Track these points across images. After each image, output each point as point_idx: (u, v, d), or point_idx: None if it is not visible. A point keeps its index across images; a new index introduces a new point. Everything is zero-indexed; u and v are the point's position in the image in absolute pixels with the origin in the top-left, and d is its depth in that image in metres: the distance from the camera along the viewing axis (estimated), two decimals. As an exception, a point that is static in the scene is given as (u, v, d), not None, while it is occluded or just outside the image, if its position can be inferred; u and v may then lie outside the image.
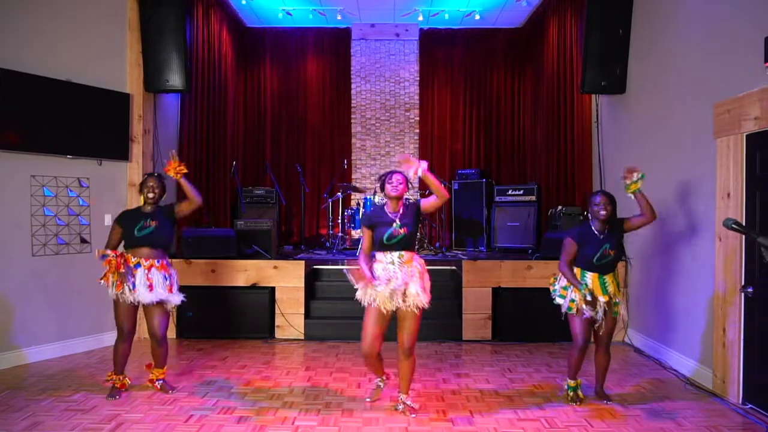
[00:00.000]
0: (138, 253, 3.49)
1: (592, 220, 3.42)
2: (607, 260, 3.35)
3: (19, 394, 3.61)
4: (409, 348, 3.23)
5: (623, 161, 5.13)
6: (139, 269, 3.45)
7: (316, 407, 3.42)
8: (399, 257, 3.16)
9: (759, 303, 3.37)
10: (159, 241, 3.55)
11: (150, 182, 3.58)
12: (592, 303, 3.30)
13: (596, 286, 3.37)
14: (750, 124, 3.37)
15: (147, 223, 3.48)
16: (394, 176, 3.25)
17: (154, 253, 3.53)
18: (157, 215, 3.56)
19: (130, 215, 3.59)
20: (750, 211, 3.45)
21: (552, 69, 6.53)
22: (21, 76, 4.20)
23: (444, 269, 5.76)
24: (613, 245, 3.35)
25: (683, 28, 4.19)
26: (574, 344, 3.44)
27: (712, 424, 3.19)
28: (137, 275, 3.44)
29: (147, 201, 3.56)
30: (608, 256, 3.34)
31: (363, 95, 7.88)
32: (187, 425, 3.13)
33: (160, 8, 4.97)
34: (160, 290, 3.48)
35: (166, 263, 3.60)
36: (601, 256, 3.33)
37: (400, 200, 3.25)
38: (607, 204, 3.32)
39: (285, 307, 5.12)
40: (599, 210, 3.32)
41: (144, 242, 3.49)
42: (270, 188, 6.87)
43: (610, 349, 3.50)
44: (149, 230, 3.49)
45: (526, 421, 3.24)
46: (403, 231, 3.15)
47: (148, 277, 3.45)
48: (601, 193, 3.39)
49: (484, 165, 7.65)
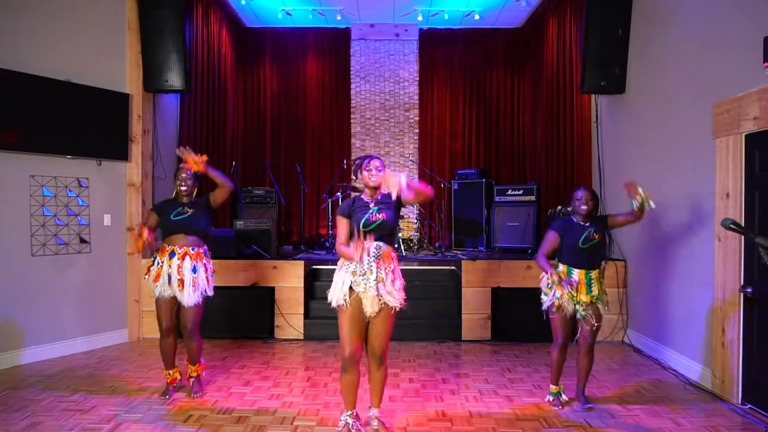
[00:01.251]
0: (173, 240, 3.46)
1: (573, 215, 3.44)
2: (592, 243, 3.31)
3: (18, 394, 3.61)
4: (381, 355, 2.92)
5: (623, 161, 5.15)
6: (173, 258, 3.43)
7: (315, 407, 3.42)
8: (376, 248, 2.80)
9: (758, 303, 3.37)
10: (195, 228, 3.49)
11: (182, 174, 3.54)
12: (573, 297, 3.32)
13: (581, 285, 3.34)
14: (749, 124, 3.37)
15: (184, 210, 3.49)
16: (372, 162, 2.89)
17: (190, 240, 3.48)
18: (195, 205, 3.55)
19: (167, 203, 3.59)
20: (749, 211, 3.45)
21: (551, 69, 6.53)
22: (20, 76, 4.20)
23: (443, 269, 5.77)
24: (597, 231, 3.34)
25: (682, 28, 4.19)
26: (554, 342, 3.47)
27: (711, 425, 3.19)
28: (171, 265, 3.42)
29: (181, 193, 3.55)
30: (593, 240, 3.31)
31: (362, 95, 7.88)
32: (186, 425, 3.13)
33: (159, 8, 4.97)
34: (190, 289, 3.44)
35: (202, 251, 3.55)
36: (585, 239, 3.30)
37: (378, 189, 2.91)
38: (589, 199, 3.34)
39: (284, 307, 5.12)
40: (581, 204, 3.34)
41: (179, 228, 3.45)
42: (269, 188, 6.87)
43: (593, 351, 3.45)
44: (185, 216, 3.47)
45: (525, 420, 3.24)
46: (382, 216, 2.82)
47: (179, 272, 3.42)
48: (583, 188, 3.39)
49: (483, 165, 7.65)
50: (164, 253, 3.47)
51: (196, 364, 3.66)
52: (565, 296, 3.31)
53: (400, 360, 4.47)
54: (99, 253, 4.83)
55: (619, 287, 5.05)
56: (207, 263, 3.56)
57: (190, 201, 3.57)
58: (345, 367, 2.86)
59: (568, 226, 3.39)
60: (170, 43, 5.02)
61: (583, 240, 3.30)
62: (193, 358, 3.64)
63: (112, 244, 4.93)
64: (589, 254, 3.34)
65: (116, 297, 4.97)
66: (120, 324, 5.00)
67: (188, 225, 3.47)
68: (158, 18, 4.98)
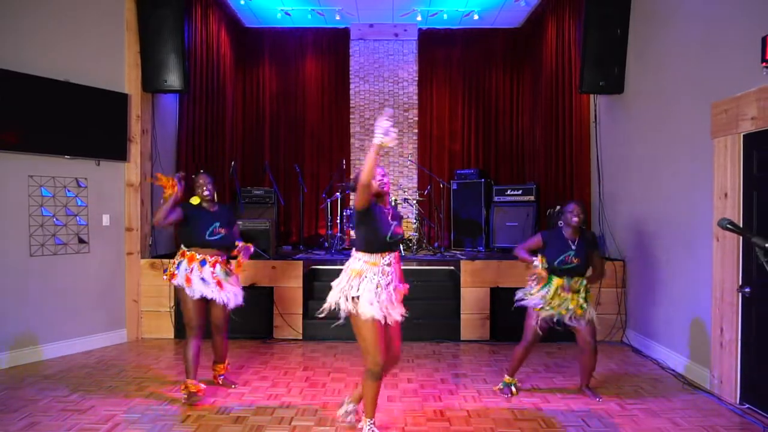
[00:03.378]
0: (204, 252, 3.57)
1: (564, 227, 3.54)
2: (568, 267, 3.43)
3: (16, 394, 3.61)
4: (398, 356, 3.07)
5: (621, 161, 5.15)
6: (205, 266, 3.53)
7: (313, 407, 3.42)
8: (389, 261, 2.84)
9: (756, 303, 3.37)
10: (226, 245, 3.65)
11: (200, 180, 3.64)
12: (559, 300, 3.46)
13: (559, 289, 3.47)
14: (747, 124, 3.37)
15: (217, 230, 3.57)
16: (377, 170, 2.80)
17: (219, 252, 3.63)
18: (222, 218, 3.63)
19: (195, 208, 3.61)
20: (747, 211, 3.45)
21: (550, 69, 6.53)
22: (19, 76, 4.20)
23: (442, 269, 5.76)
24: (579, 254, 3.44)
25: (681, 28, 4.19)
26: (523, 339, 3.60)
27: (709, 424, 3.19)
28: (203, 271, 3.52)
29: (204, 199, 3.63)
30: (569, 263, 3.43)
31: (362, 95, 7.88)
32: (184, 425, 3.13)
33: (158, 8, 4.97)
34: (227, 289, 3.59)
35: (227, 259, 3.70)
36: (562, 261, 3.43)
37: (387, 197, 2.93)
38: (580, 213, 3.47)
39: (283, 307, 5.12)
40: (572, 216, 3.47)
41: (214, 246, 3.58)
42: (269, 188, 6.87)
43: (597, 350, 3.56)
44: (220, 237, 3.58)
45: (523, 420, 3.24)
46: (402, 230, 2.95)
47: (213, 275, 3.54)
48: (575, 202, 3.55)
49: (482, 165, 7.66)
50: (193, 260, 3.54)
51: (225, 361, 3.84)
52: (555, 302, 3.44)
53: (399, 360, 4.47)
54: (97, 254, 4.83)
55: (618, 287, 5.05)
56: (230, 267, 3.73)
57: (217, 209, 3.66)
58: (379, 374, 2.83)
59: (554, 238, 3.53)
60: (169, 43, 5.02)
61: (560, 261, 3.43)
62: (223, 356, 3.81)
63: (110, 244, 4.93)
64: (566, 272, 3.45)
65: (115, 297, 4.97)
66: (118, 324, 5.00)
67: (221, 244, 3.61)
68: (157, 18, 4.98)
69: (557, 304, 3.45)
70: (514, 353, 3.67)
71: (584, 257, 3.46)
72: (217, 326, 3.70)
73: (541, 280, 3.49)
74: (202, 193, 3.61)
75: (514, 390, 3.69)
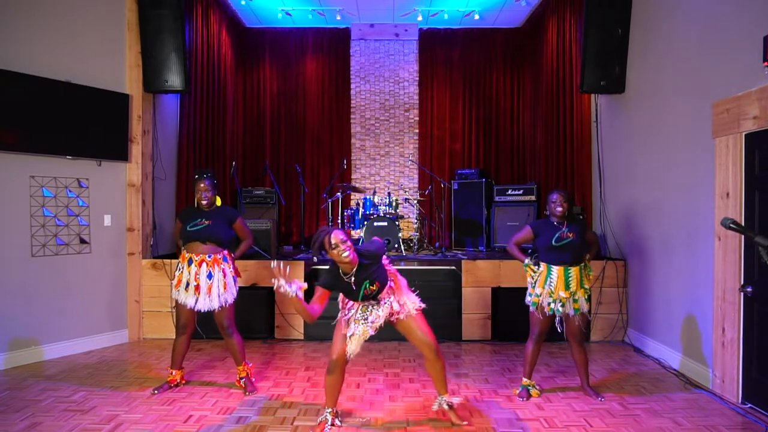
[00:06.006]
0: (191, 248, 3.58)
1: (550, 217, 3.62)
2: (565, 242, 3.46)
3: (18, 395, 3.61)
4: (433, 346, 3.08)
5: (622, 160, 5.15)
6: (191, 265, 3.55)
7: (315, 407, 3.42)
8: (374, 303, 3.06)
9: (758, 302, 3.37)
10: (210, 237, 3.57)
11: (200, 184, 3.62)
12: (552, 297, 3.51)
13: (560, 281, 3.48)
14: (749, 123, 3.37)
15: (201, 221, 3.57)
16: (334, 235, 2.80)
17: (206, 248, 3.57)
18: (214, 215, 3.63)
19: (188, 211, 3.69)
20: (749, 211, 3.45)
21: (551, 69, 6.53)
22: (21, 76, 4.20)
23: (443, 269, 5.76)
24: (572, 230, 3.50)
25: (682, 27, 4.19)
26: (530, 335, 3.64)
27: (711, 424, 3.19)
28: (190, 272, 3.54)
29: (202, 206, 3.65)
30: (567, 238, 3.47)
31: (362, 95, 7.88)
32: (186, 425, 3.14)
33: (159, 9, 4.97)
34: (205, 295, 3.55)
35: (220, 257, 3.62)
36: (559, 238, 3.48)
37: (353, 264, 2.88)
38: (563, 201, 3.53)
39: (284, 307, 5.12)
40: (555, 207, 3.55)
41: (195, 237, 3.56)
42: (269, 188, 6.88)
43: (584, 344, 3.64)
44: (201, 227, 3.56)
45: (525, 420, 3.24)
46: (376, 287, 2.97)
47: (196, 278, 3.53)
48: (557, 191, 3.59)
49: (483, 165, 7.66)
50: (183, 260, 3.61)
51: (242, 363, 3.74)
52: (544, 294, 3.50)
53: (401, 360, 4.47)
54: (99, 254, 4.83)
55: (619, 287, 5.05)
56: (226, 268, 3.65)
57: (211, 210, 3.66)
58: (330, 369, 3.06)
59: (543, 225, 3.60)
60: (170, 43, 5.02)
61: (557, 238, 3.48)
62: (238, 358, 3.73)
63: (112, 244, 4.93)
64: (564, 252, 3.48)
65: (116, 297, 4.97)
66: (120, 324, 5.00)
67: (203, 235, 3.57)
68: (158, 18, 4.98)
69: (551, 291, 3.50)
70: (525, 353, 3.66)
71: (578, 233, 3.50)
72: (221, 327, 3.71)
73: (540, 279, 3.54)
74: (201, 199, 3.62)
75: (532, 392, 3.64)
